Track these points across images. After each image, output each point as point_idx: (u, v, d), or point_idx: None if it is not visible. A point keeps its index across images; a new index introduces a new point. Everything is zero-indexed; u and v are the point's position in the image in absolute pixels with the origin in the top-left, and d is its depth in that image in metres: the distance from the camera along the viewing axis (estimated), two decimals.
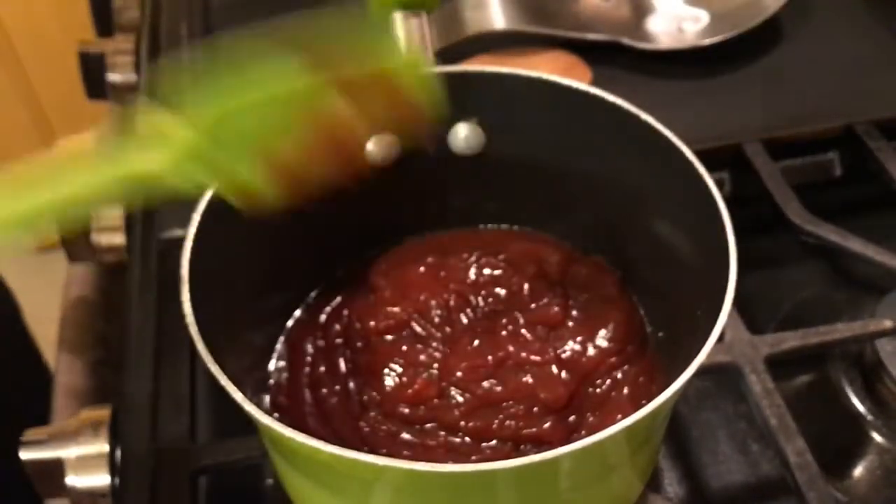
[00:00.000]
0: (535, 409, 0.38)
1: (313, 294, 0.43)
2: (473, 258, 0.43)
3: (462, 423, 0.38)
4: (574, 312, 0.41)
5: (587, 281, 0.43)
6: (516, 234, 0.46)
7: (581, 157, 0.41)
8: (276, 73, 0.32)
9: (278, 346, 0.42)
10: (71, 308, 0.57)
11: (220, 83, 0.31)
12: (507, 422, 0.38)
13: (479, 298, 0.42)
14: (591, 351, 0.40)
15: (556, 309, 0.41)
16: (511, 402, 0.38)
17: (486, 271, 0.43)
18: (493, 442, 0.37)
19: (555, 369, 0.39)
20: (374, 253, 0.44)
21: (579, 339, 0.40)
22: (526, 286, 0.42)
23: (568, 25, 0.59)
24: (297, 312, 0.43)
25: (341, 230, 0.43)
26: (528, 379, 0.39)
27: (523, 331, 0.41)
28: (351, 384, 0.40)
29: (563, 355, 0.40)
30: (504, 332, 0.41)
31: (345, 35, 0.33)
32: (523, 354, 0.40)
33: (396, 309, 0.41)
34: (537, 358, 0.39)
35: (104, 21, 0.72)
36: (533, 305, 0.41)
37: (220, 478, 0.42)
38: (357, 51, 0.34)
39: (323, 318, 0.43)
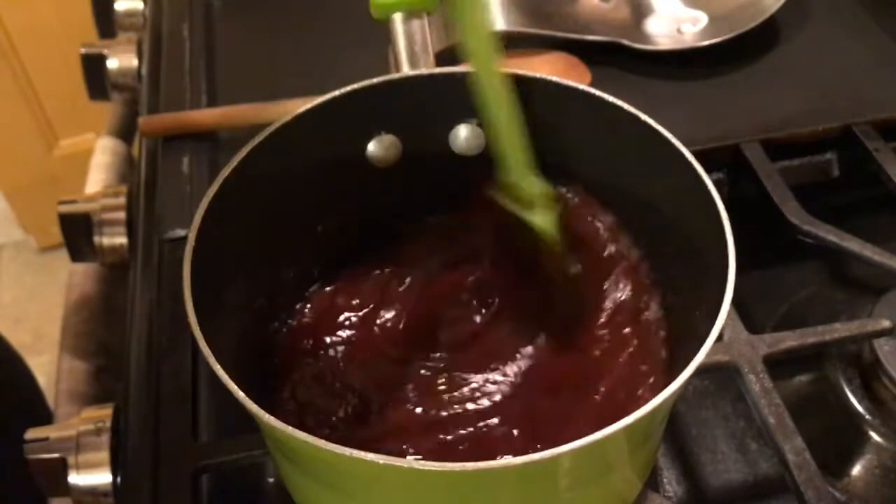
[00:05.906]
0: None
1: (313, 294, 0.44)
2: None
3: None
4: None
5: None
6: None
7: (580, 158, 0.41)
8: None
9: (279, 345, 0.42)
10: (73, 311, 0.57)
11: None
12: None
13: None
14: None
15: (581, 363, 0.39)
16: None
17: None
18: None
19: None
20: (374, 254, 0.44)
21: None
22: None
23: (567, 27, 0.60)
24: (297, 311, 0.43)
25: (341, 231, 0.43)
26: None
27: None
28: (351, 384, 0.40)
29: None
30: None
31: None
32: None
33: None
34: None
35: (106, 22, 0.72)
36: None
37: (222, 476, 0.42)
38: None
39: (322, 318, 0.43)
